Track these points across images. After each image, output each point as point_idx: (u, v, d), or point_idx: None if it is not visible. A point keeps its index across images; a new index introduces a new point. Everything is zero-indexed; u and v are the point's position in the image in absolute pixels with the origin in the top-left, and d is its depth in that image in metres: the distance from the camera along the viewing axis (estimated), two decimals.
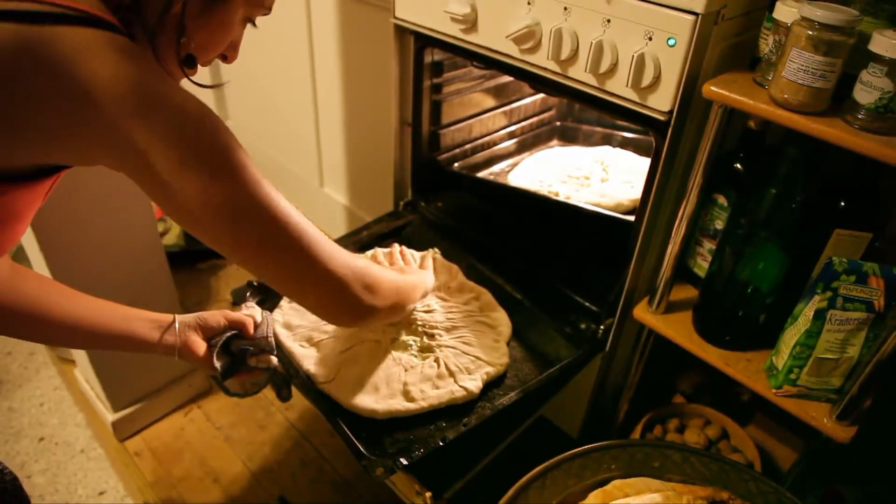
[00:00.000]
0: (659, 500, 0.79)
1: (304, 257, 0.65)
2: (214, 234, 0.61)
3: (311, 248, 0.65)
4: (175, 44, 0.60)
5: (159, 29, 0.59)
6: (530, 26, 0.92)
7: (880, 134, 0.70)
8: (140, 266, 1.35)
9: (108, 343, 0.80)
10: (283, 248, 0.63)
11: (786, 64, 0.73)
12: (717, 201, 0.97)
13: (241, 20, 0.65)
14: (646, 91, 0.86)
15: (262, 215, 0.61)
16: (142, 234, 1.33)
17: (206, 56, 0.65)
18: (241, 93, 2.30)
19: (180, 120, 0.55)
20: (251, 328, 0.90)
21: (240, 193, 0.59)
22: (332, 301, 0.71)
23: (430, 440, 0.89)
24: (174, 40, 0.60)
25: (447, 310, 1.12)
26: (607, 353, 1.10)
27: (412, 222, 1.37)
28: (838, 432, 0.84)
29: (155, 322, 0.82)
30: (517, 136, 1.58)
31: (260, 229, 0.61)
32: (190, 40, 0.61)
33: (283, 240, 0.63)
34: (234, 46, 0.69)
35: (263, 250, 0.63)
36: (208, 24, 0.61)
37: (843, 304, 0.81)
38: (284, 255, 0.64)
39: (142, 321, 0.81)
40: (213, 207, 0.58)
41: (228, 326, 0.88)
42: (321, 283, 0.68)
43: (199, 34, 0.61)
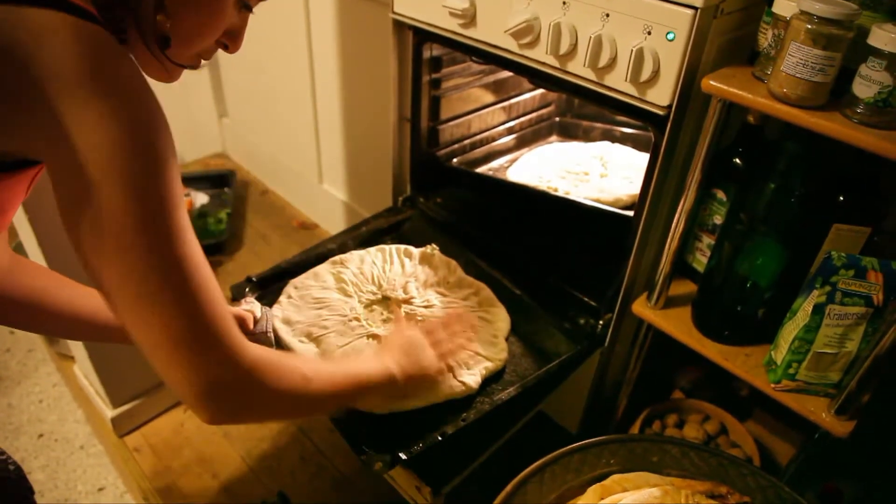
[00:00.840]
0: (657, 494, 0.79)
1: (199, 323, 0.54)
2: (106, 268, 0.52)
3: (212, 319, 0.54)
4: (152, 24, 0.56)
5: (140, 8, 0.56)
6: (529, 21, 0.92)
7: (879, 128, 0.70)
8: None
9: (108, 335, 0.80)
10: (176, 304, 0.53)
11: (785, 58, 0.73)
12: (716, 196, 0.97)
13: (235, 3, 0.61)
14: (645, 86, 0.85)
15: (166, 258, 0.52)
16: None
17: (198, 43, 0.61)
18: (240, 89, 2.30)
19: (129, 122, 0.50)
20: (251, 323, 0.90)
21: (153, 221, 0.51)
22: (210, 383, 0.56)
23: (429, 435, 0.89)
24: (151, 20, 0.56)
25: (446, 305, 1.12)
26: (606, 348, 1.10)
27: (411, 218, 1.37)
28: (837, 427, 0.84)
29: None
30: (516, 131, 1.58)
31: (156, 275, 0.52)
32: (168, 19, 0.57)
33: (178, 295, 0.53)
34: (235, 35, 0.65)
35: (151, 308, 0.52)
36: (195, 3, 0.58)
37: (842, 298, 0.81)
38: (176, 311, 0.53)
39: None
40: (120, 225, 0.50)
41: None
42: (206, 354, 0.55)
43: (186, 15, 0.58)
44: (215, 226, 2.09)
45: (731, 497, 0.81)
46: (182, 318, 0.53)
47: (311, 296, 1.11)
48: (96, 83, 0.49)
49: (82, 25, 0.49)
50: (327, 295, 1.12)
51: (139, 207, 0.50)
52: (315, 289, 1.13)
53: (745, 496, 0.82)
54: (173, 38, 0.58)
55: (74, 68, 0.48)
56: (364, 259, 1.20)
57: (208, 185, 2.30)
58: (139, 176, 0.50)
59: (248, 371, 0.58)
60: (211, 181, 2.31)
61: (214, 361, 0.55)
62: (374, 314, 1.11)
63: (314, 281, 1.15)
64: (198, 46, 0.62)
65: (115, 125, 0.49)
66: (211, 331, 0.54)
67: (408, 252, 1.23)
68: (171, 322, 0.53)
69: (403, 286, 1.14)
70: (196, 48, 0.62)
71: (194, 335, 0.54)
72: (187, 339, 0.53)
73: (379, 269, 1.19)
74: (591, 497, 0.82)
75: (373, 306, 1.12)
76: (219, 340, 0.55)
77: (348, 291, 1.13)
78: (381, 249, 1.23)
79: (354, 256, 1.21)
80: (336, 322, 1.05)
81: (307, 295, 1.11)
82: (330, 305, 1.09)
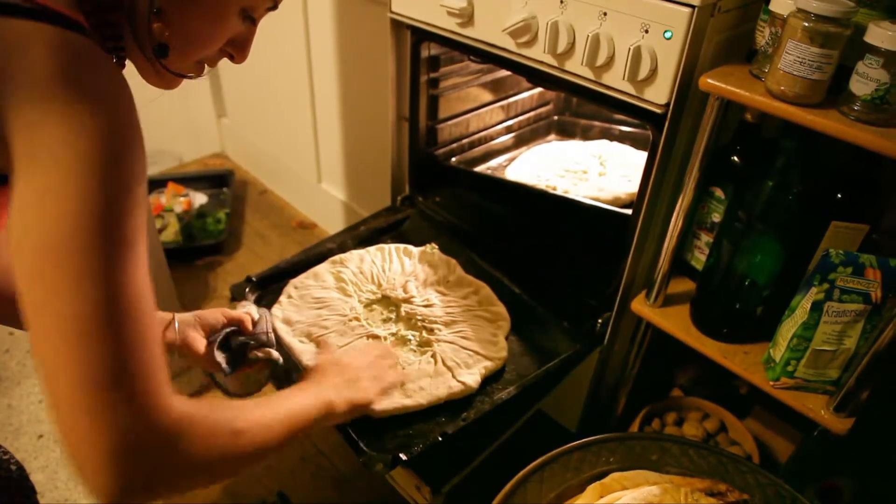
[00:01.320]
0: (657, 492, 0.79)
1: (125, 367, 0.46)
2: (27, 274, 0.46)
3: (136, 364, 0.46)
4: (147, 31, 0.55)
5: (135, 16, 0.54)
6: (527, 20, 0.92)
7: (877, 125, 0.70)
8: None
9: None
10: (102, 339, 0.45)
11: (782, 56, 0.73)
12: (715, 194, 0.97)
13: (238, 12, 0.59)
14: (642, 84, 0.85)
15: (104, 287, 0.46)
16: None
17: (197, 52, 0.60)
18: (239, 89, 2.30)
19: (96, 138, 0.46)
20: (250, 324, 0.90)
21: (101, 246, 0.46)
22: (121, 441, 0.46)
23: (429, 435, 0.89)
24: (146, 27, 0.54)
25: (446, 304, 1.12)
26: (605, 346, 1.11)
27: (410, 217, 1.37)
28: (835, 424, 0.85)
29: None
30: (515, 130, 1.58)
31: (88, 304, 0.45)
32: (167, 27, 0.55)
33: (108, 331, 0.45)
34: (240, 45, 0.63)
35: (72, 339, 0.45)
36: (195, 11, 0.56)
37: (840, 295, 0.81)
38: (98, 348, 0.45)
39: None
40: (63, 242, 0.45)
41: (227, 324, 0.88)
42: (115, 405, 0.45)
43: (185, 22, 0.56)
44: (214, 226, 2.09)
45: (731, 495, 0.81)
46: (106, 357, 0.45)
47: (311, 296, 1.11)
48: (65, 91, 0.46)
49: (61, 34, 0.47)
50: (327, 295, 1.12)
51: (88, 228, 0.45)
52: (315, 288, 1.13)
53: (744, 494, 0.82)
54: (172, 46, 0.57)
55: (43, 76, 0.46)
56: (363, 258, 1.20)
57: (207, 184, 2.30)
58: (96, 194, 0.46)
59: (171, 430, 0.48)
60: (210, 181, 2.31)
61: (133, 414, 0.46)
62: (374, 314, 1.11)
63: (314, 281, 1.15)
64: (198, 55, 0.61)
65: (80, 136, 0.45)
66: (136, 378, 0.46)
67: (407, 251, 1.23)
68: (92, 360, 0.44)
69: (403, 285, 1.14)
70: (196, 57, 0.61)
71: (115, 380, 0.45)
72: (106, 382, 0.45)
73: (378, 268, 1.19)
74: (590, 495, 0.82)
75: (373, 306, 1.12)
76: (143, 390, 0.47)
77: (348, 291, 1.13)
78: (381, 249, 1.23)
79: (354, 256, 1.21)
80: (336, 322, 1.05)
81: (307, 295, 1.12)
82: (330, 305, 1.09)
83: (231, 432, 0.55)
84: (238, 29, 0.61)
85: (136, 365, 0.46)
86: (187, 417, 0.50)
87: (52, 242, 0.45)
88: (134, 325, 0.47)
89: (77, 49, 0.48)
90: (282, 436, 0.64)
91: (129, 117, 0.49)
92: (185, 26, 0.57)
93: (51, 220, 0.45)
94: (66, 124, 0.45)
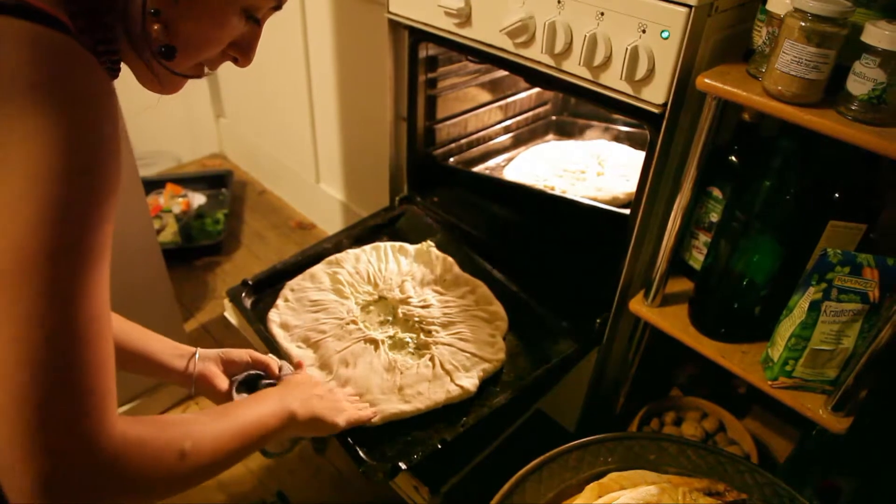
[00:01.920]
0: (654, 492, 0.79)
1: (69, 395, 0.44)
2: None
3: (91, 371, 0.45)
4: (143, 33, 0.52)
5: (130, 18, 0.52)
6: (524, 20, 0.92)
7: (874, 125, 0.70)
8: (136, 263, 1.35)
9: (124, 361, 0.77)
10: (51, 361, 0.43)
11: (779, 55, 0.73)
12: (712, 194, 0.97)
13: (240, 12, 0.57)
14: (640, 84, 0.85)
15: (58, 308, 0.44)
16: (137, 231, 1.33)
17: (198, 54, 0.58)
18: (237, 90, 2.30)
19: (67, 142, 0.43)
20: (276, 369, 0.88)
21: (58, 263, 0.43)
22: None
23: (427, 442, 0.89)
24: (142, 28, 0.52)
25: (443, 304, 1.12)
26: (604, 346, 1.10)
27: (406, 213, 1.37)
28: (834, 423, 0.85)
29: (175, 348, 0.80)
30: (513, 130, 1.58)
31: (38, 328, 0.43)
32: (167, 28, 0.53)
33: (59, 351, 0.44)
34: (243, 48, 0.62)
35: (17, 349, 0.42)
36: (193, 11, 0.54)
37: (838, 295, 0.81)
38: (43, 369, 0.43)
39: (161, 342, 0.79)
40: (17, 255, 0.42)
41: (252, 365, 0.87)
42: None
43: (184, 23, 0.54)
44: (212, 226, 2.09)
45: (729, 494, 0.81)
46: (50, 379, 0.43)
47: (307, 298, 1.11)
48: (36, 92, 0.43)
49: (39, 32, 0.45)
50: (324, 297, 1.11)
51: (46, 243, 0.43)
52: (312, 291, 1.13)
53: (742, 493, 0.82)
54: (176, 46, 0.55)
55: (14, 74, 0.43)
56: (359, 258, 1.20)
57: (206, 185, 2.30)
58: (59, 207, 0.43)
59: (111, 456, 0.47)
60: (208, 181, 2.31)
61: (73, 437, 0.44)
62: (371, 316, 1.11)
63: (311, 283, 1.15)
64: (199, 57, 0.59)
65: (49, 142, 0.43)
66: (79, 401, 0.44)
67: (403, 249, 1.23)
68: (37, 380, 0.42)
69: (400, 285, 1.14)
70: (196, 59, 0.59)
71: (57, 402, 0.43)
72: (47, 403, 0.43)
73: (375, 268, 1.19)
74: (588, 495, 0.82)
75: (370, 308, 1.12)
76: (85, 413, 0.45)
77: (345, 293, 1.13)
78: (377, 248, 1.23)
79: (350, 256, 1.21)
80: (333, 326, 1.05)
81: (304, 298, 1.11)
82: (327, 308, 1.09)
83: (177, 454, 0.54)
84: (240, 30, 0.59)
85: (80, 388, 0.44)
86: (130, 441, 0.49)
87: (8, 255, 0.42)
88: (84, 348, 0.45)
89: (53, 47, 0.45)
90: (232, 451, 0.63)
91: (103, 126, 0.46)
92: (184, 28, 0.54)
93: (10, 231, 0.42)
94: (34, 128, 0.43)
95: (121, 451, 0.47)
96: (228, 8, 0.56)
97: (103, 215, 0.46)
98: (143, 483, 0.50)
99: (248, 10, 0.58)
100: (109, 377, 0.47)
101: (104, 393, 0.46)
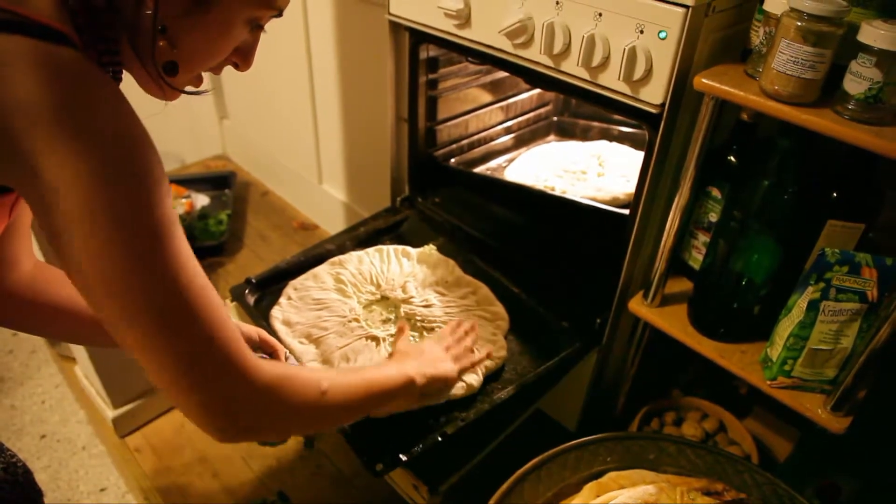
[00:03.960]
0: (653, 491, 0.79)
1: (210, 348, 0.53)
2: (103, 307, 0.50)
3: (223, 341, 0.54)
4: (150, 48, 0.53)
5: (138, 34, 0.53)
6: (523, 21, 0.92)
7: (870, 124, 0.70)
8: None
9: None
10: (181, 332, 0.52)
11: (776, 55, 0.73)
12: (711, 194, 0.98)
13: (245, 23, 0.58)
14: (638, 84, 0.86)
15: (166, 292, 0.50)
16: None
17: (203, 64, 0.59)
18: (240, 92, 2.31)
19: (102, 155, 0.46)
20: (283, 357, 0.89)
21: (148, 258, 0.49)
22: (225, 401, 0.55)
23: (429, 435, 0.89)
24: (149, 45, 0.53)
25: (445, 304, 1.12)
26: (604, 346, 1.11)
27: (409, 218, 1.37)
28: (833, 423, 0.85)
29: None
30: (514, 131, 1.59)
31: (156, 312, 0.50)
32: (173, 45, 0.54)
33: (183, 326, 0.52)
34: (245, 54, 0.62)
35: (158, 338, 0.51)
36: (199, 25, 0.54)
37: (837, 294, 0.81)
38: (180, 340, 0.52)
39: None
40: (109, 281, 0.48)
41: (258, 344, 0.87)
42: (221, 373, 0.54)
43: (190, 38, 0.55)
44: (216, 227, 2.10)
45: (727, 494, 0.81)
46: (192, 345, 0.52)
47: (310, 297, 1.12)
48: (65, 115, 0.45)
49: (50, 51, 0.46)
50: (326, 296, 1.12)
51: (130, 247, 0.48)
52: (314, 290, 1.13)
53: (741, 493, 0.82)
54: (178, 60, 0.56)
55: (39, 101, 0.45)
56: (362, 259, 1.21)
57: (209, 186, 2.31)
58: (124, 212, 0.47)
59: (264, 390, 0.57)
60: (211, 183, 2.32)
61: (229, 383, 0.54)
62: (374, 315, 1.11)
63: (313, 282, 1.15)
64: (203, 68, 0.60)
65: (89, 160, 0.46)
66: (222, 354, 0.53)
67: (406, 252, 1.24)
68: (181, 351, 0.51)
69: (402, 286, 1.15)
70: (201, 69, 0.60)
71: (207, 360, 0.53)
72: (200, 364, 0.52)
73: (377, 269, 1.19)
74: (587, 494, 0.82)
75: (372, 306, 1.13)
76: (231, 363, 0.54)
77: (347, 292, 1.13)
78: (380, 250, 1.23)
79: (353, 257, 1.21)
80: (335, 323, 1.06)
81: (307, 296, 1.12)
82: (329, 307, 1.10)
83: (318, 391, 0.64)
84: (244, 37, 0.60)
85: (219, 343, 0.53)
86: (279, 377, 0.59)
87: (103, 271, 0.48)
88: (205, 311, 0.52)
89: (71, 67, 0.46)
90: (362, 400, 0.73)
91: (135, 125, 0.49)
92: (191, 41, 0.55)
93: (95, 252, 0.47)
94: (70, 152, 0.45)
95: (271, 384, 0.57)
96: (234, 19, 0.57)
97: (163, 196, 0.50)
98: (295, 409, 0.62)
99: (253, 19, 0.59)
100: (231, 322, 0.55)
101: (237, 338, 0.55)
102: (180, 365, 0.52)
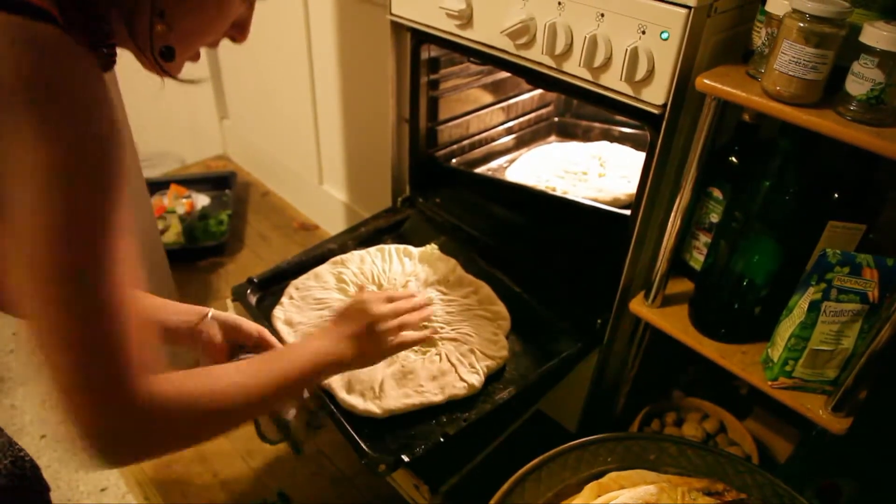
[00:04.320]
0: (654, 491, 0.79)
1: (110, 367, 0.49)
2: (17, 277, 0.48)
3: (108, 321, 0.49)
4: (147, 32, 0.53)
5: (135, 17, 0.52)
6: (525, 21, 0.93)
7: (872, 125, 0.70)
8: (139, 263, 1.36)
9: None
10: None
11: (778, 56, 0.73)
12: (713, 194, 0.98)
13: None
14: (640, 85, 0.86)
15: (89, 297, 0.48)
16: (141, 231, 1.34)
17: (200, 42, 0.59)
18: (240, 91, 2.31)
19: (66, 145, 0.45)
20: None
21: (85, 254, 0.47)
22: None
23: (430, 435, 0.89)
24: (146, 29, 0.52)
25: (447, 303, 1.12)
26: (604, 346, 1.11)
27: (411, 217, 1.37)
28: (833, 424, 0.85)
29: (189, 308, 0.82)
30: (515, 131, 1.59)
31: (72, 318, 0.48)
32: (170, 27, 0.54)
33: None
34: (241, 26, 0.62)
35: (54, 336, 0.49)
36: (197, 5, 0.55)
37: (838, 295, 0.81)
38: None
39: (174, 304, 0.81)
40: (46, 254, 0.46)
41: (259, 344, 0.85)
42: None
43: (187, 19, 0.55)
44: (216, 227, 2.10)
45: (728, 494, 0.81)
46: (95, 361, 0.49)
47: (312, 296, 1.12)
48: (35, 92, 0.44)
49: (28, 26, 0.44)
50: (328, 295, 1.12)
51: (71, 238, 0.46)
52: (316, 289, 1.14)
53: (741, 493, 0.82)
54: (175, 41, 0.56)
55: (9, 74, 0.43)
56: (364, 259, 1.21)
57: (209, 186, 2.31)
58: (79, 200, 0.46)
59: (150, 412, 0.52)
60: (212, 183, 2.32)
61: (115, 402, 0.50)
62: None
63: (315, 282, 1.15)
64: (201, 45, 0.60)
65: (55, 142, 0.44)
66: (112, 368, 0.49)
67: (407, 252, 1.24)
68: (81, 360, 0.48)
69: (404, 285, 1.15)
70: (199, 47, 0.60)
71: (105, 378, 0.49)
72: (93, 381, 0.49)
73: (379, 268, 1.19)
74: (587, 495, 0.82)
75: None
76: (123, 379, 0.50)
77: (349, 292, 1.13)
78: (381, 249, 1.23)
79: (354, 256, 1.21)
80: None
81: (308, 296, 1.12)
82: (331, 306, 1.10)
83: (208, 403, 0.59)
84: (239, 11, 0.60)
85: (108, 358, 0.49)
86: (165, 396, 0.53)
87: (37, 261, 0.46)
88: (118, 333, 0.49)
89: (49, 43, 0.45)
90: (264, 401, 0.67)
91: (110, 114, 0.47)
92: (188, 22, 0.55)
93: (35, 237, 0.45)
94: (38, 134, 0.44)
95: (158, 405, 0.53)
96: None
97: (120, 196, 0.48)
98: (182, 429, 0.57)
99: None
100: (139, 343, 0.51)
101: (132, 357, 0.50)
102: (76, 377, 0.49)
